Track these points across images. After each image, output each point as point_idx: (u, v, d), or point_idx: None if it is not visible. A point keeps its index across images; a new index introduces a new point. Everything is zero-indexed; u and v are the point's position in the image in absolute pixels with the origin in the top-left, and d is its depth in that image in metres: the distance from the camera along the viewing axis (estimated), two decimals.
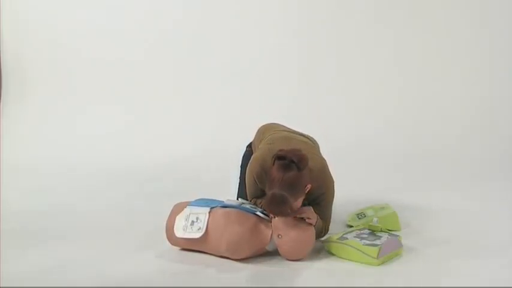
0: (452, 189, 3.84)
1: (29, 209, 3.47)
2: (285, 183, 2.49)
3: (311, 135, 3.13)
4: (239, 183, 3.09)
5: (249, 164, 2.84)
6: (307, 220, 2.63)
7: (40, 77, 5.41)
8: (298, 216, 2.61)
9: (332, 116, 5.02)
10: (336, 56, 5.22)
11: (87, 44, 5.38)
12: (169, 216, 2.76)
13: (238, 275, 2.49)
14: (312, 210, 2.70)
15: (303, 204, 2.67)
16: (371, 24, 5.23)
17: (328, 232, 2.85)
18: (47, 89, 5.39)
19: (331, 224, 2.86)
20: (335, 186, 2.80)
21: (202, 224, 2.64)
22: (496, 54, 5.12)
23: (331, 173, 2.80)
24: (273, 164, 2.56)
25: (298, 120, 3.53)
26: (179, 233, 2.68)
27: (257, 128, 3.22)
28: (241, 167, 3.11)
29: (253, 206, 2.74)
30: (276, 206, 2.50)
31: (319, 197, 2.76)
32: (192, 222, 2.67)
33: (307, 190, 2.60)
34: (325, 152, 3.00)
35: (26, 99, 5.31)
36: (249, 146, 3.22)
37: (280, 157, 2.55)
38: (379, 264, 2.54)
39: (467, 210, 3.37)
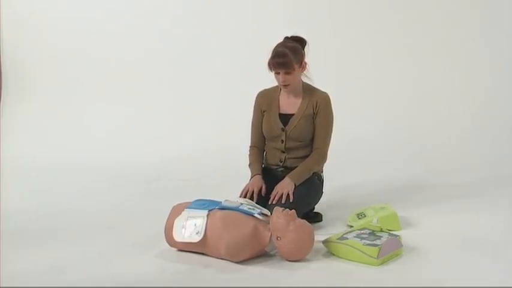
0: (453, 188, 3.83)
1: (29, 209, 3.46)
2: (286, 44, 3.01)
3: None
4: None
5: None
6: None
7: (40, 76, 5.40)
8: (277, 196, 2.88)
9: None
10: (336, 55, 5.19)
11: (87, 43, 5.37)
12: (168, 217, 2.76)
13: (238, 275, 2.49)
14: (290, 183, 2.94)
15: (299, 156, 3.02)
16: (369, 23, 5.22)
17: (328, 232, 2.85)
18: (47, 89, 5.38)
19: (331, 225, 2.85)
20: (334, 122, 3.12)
21: (201, 228, 2.63)
22: (496, 55, 5.11)
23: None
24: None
25: None
26: (178, 237, 2.67)
27: None
28: None
29: (251, 207, 2.72)
30: (280, 57, 2.93)
31: (318, 117, 3.05)
32: (190, 226, 2.66)
33: (304, 67, 3.05)
34: None
35: (26, 99, 5.30)
36: None
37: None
38: (379, 264, 2.54)
39: (467, 209, 3.37)
